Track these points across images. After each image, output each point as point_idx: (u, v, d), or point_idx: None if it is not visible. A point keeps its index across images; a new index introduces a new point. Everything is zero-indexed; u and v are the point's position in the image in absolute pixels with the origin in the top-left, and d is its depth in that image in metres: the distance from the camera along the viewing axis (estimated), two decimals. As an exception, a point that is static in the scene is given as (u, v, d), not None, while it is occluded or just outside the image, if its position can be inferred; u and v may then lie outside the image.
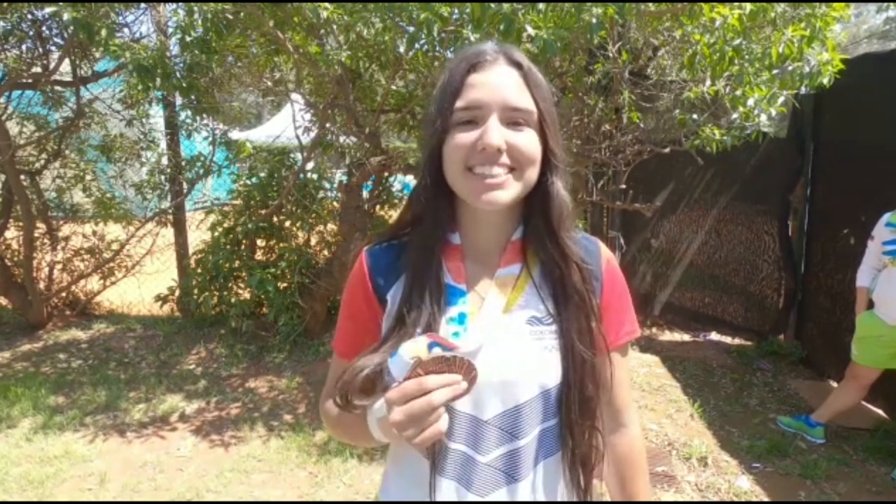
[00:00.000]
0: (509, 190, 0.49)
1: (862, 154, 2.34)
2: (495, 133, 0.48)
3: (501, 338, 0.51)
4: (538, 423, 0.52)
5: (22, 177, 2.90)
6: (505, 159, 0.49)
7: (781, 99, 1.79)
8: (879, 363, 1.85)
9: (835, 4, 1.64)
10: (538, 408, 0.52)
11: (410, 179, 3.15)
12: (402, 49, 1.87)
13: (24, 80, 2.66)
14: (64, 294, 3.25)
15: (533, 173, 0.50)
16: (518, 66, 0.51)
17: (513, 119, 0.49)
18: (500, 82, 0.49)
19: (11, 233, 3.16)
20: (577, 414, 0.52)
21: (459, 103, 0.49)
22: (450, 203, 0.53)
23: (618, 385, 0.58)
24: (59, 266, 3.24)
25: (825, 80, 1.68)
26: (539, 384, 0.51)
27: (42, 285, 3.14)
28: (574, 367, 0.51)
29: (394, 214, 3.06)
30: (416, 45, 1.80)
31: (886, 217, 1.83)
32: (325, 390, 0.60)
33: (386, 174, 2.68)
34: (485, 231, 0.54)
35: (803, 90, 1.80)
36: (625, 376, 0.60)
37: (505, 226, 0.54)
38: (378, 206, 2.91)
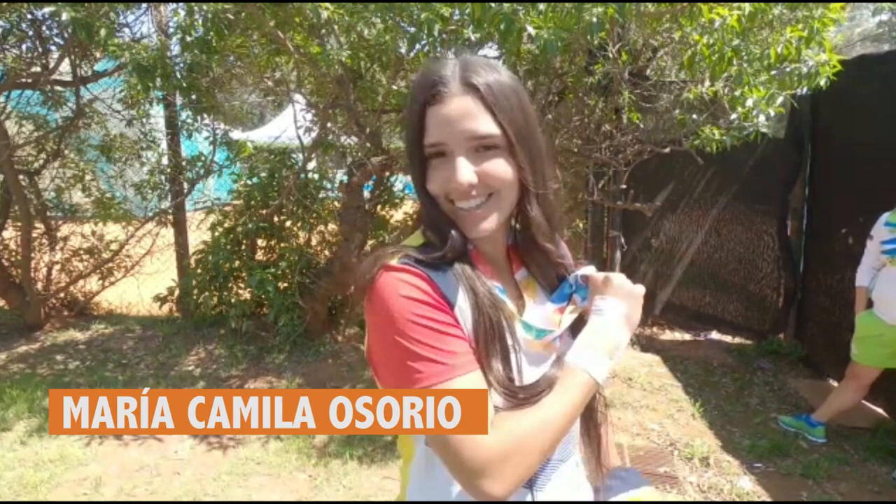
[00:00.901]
0: (492, 218, 0.51)
1: (860, 154, 2.35)
2: (462, 172, 0.48)
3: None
4: None
5: (21, 177, 2.88)
6: (480, 190, 0.49)
7: (780, 99, 1.80)
8: (879, 362, 1.86)
9: (831, 6, 1.66)
10: None
11: (412, 179, 3.13)
12: (403, 49, 1.88)
13: (24, 80, 2.65)
14: (62, 295, 3.23)
15: (510, 194, 0.51)
16: (475, 89, 0.48)
17: (479, 146, 0.49)
18: (457, 115, 0.48)
19: (9, 233, 3.14)
20: None
21: (426, 140, 0.50)
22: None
23: None
24: (57, 266, 3.22)
25: (822, 82, 1.70)
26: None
27: (40, 286, 3.12)
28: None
29: (395, 214, 3.05)
30: (418, 46, 1.81)
31: (885, 217, 1.84)
32: (478, 437, 0.44)
33: (387, 174, 2.68)
34: (485, 244, 0.56)
35: (801, 91, 1.81)
36: None
37: (499, 238, 0.57)
38: (379, 206, 2.91)
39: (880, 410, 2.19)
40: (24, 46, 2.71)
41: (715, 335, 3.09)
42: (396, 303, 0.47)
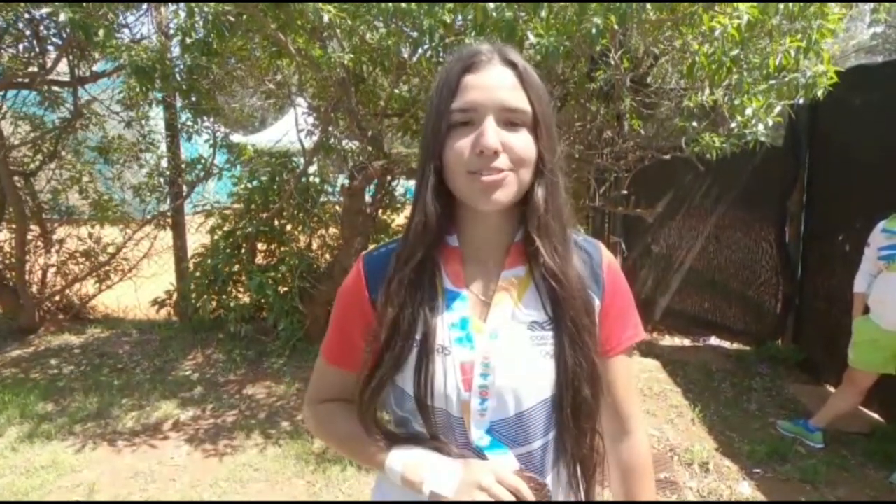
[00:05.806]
0: (508, 188, 0.49)
1: (857, 161, 2.38)
2: (491, 135, 0.48)
3: (506, 343, 0.51)
4: (543, 433, 0.52)
5: (16, 178, 2.85)
6: (502, 161, 0.49)
7: (778, 108, 1.82)
8: (875, 367, 1.87)
9: (829, 17, 1.68)
10: (541, 416, 0.52)
11: (414, 184, 3.14)
12: (405, 54, 1.88)
13: (21, 80, 2.62)
14: (57, 298, 3.20)
15: (527, 174, 0.50)
16: (513, 65, 0.51)
17: (508, 120, 0.49)
18: (495, 83, 0.49)
19: (4, 234, 3.11)
20: (570, 418, 0.51)
21: (456, 104, 0.49)
22: (449, 204, 0.52)
23: (621, 390, 0.57)
24: (52, 269, 3.19)
25: (819, 92, 1.71)
26: (538, 393, 0.51)
27: (35, 289, 3.08)
28: (567, 371, 0.51)
29: (396, 218, 3.04)
30: (420, 50, 1.81)
31: (882, 224, 1.86)
32: (310, 393, 0.60)
33: (389, 178, 2.68)
34: (485, 233, 0.53)
35: (799, 100, 1.82)
36: (628, 381, 0.58)
37: (505, 227, 0.53)
38: (381, 210, 2.90)
39: (875, 415, 2.21)
40: (21, 46, 2.68)
41: (714, 340, 3.11)
42: (342, 285, 0.58)
